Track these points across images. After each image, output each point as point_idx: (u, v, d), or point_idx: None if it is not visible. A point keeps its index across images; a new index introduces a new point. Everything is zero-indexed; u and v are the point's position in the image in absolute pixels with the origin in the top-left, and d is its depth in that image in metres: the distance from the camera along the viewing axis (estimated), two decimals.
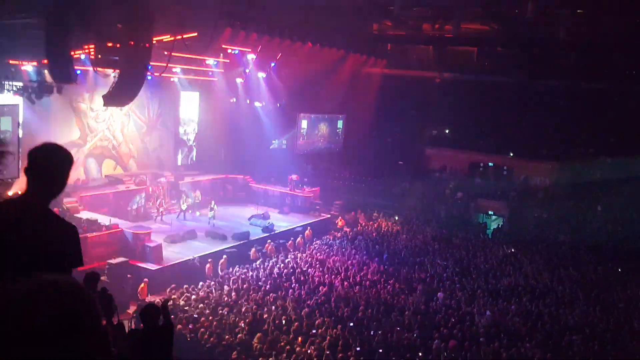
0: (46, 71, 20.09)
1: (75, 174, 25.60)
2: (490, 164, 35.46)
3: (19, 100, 22.03)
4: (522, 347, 13.83)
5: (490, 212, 31.62)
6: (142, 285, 17.91)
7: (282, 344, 13.31)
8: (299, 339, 13.63)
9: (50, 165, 2.35)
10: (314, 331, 14.17)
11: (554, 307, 17.23)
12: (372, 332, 14.34)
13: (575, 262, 22.67)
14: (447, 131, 38.31)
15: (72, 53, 18.54)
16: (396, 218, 30.44)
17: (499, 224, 30.41)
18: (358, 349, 12.67)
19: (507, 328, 15.34)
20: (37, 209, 2.35)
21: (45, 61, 18.91)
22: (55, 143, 2.43)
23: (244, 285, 17.92)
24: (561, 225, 27.95)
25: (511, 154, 34.80)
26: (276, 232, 25.69)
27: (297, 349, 13.04)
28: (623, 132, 32.22)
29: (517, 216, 29.60)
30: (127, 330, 7.82)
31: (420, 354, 13.13)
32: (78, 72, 20.83)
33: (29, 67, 21.43)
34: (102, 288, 7.73)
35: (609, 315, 16.75)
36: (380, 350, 13.16)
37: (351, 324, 14.62)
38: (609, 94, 32.65)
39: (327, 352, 12.73)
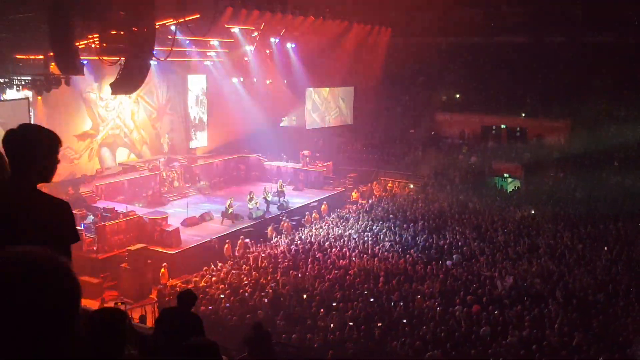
0: (52, 64, 20.07)
1: (91, 164, 25.99)
2: (502, 125, 35.05)
3: (28, 94, 22.08)
4: (545, 309, 13.81)
5: (505, 175, 31.36)
6: (162, 270, 18.11)
7: (304, 319, 13.44)
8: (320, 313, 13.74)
9: (24, 146, 2.28)
10: (334, 304, 14.26)
11: (575, 266, 17.14)
12: (392, 304, 14.39)
13: (594, 220, 22.44)
14: (457, 96, 37.82)
15: (77, 44, 18.48)
16: (411, 187, 30.34)
17: (515, 186, 30.16)
18: (380, 324, 12.68)
19: (529, 290, 15.31)
20: (21, 191, 2.30)
21: (51, 54, 18.87)
22: (33, 124, 2.38)
23: (263, 264, 18.06)
24: (578, 183, 27.67)
25: (523, 115, 34.33)
26: (292, 208, 25.78)
27: (319, 323, 13.16)
28: (635, 84, 31.62)
29: (533, 177, 29.31)
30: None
31: (443, 321, 13.15)
32: (84, 62, 20.79)
33: (36, 60, 21.39)
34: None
35: (631, 271, 16.61)
36: (404, 321, 13.20)
37: (372, 299, 14.63)
38: (617, 46, 31.96)
39: (350, 324, 12.83)
